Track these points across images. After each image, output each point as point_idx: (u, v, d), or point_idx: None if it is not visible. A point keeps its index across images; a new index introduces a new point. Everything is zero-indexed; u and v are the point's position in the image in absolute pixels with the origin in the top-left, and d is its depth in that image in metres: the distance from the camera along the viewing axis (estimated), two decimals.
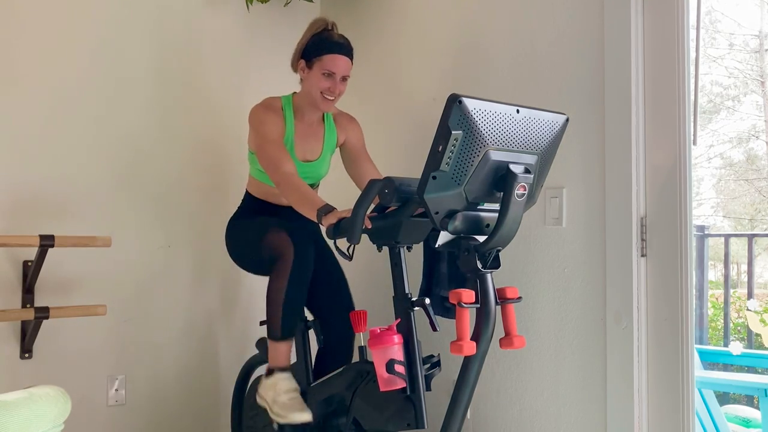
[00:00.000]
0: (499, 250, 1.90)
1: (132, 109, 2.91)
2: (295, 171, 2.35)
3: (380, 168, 2.65)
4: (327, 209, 2.11)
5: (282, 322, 2.38)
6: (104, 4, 2.86)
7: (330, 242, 2.22)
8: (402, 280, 2.08)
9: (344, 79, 2.49)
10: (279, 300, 2.36)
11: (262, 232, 2.45)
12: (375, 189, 1.95)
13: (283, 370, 2.40)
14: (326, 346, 2.57)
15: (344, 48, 2.49)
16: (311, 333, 2.65)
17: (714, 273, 6.69)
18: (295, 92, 2.60)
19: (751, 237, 5.20)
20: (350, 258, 2.15)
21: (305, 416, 2.30)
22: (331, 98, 2.48)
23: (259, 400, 2.45)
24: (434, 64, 2.89)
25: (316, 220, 2.14)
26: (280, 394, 2.35)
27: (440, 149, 1.74)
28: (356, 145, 2.64)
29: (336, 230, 2.08)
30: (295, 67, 2.56)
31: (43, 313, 2.54)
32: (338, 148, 2.67)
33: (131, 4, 2.92)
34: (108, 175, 2.85)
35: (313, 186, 2.64)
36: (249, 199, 2.69)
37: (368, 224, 2.01)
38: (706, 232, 5.23)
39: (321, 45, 2.47)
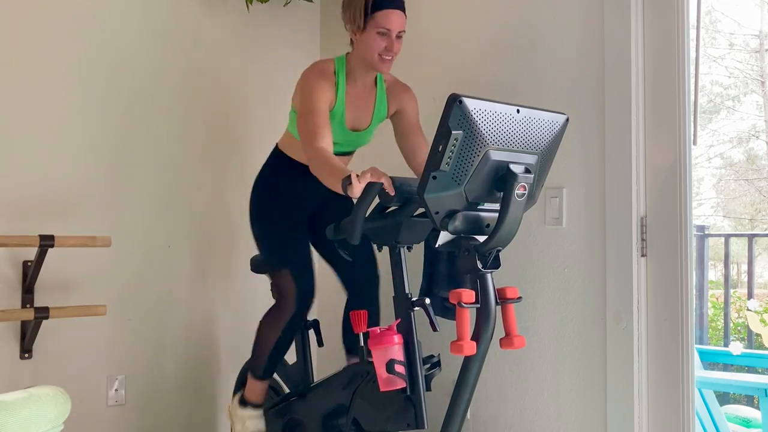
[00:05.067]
0: (499, 250, 1.90)
1: (132, 109, 2.91)
2: (330, 146, 2.24)
3: (380, 167, 2.59)
4: (350, 179, 1.96)
5: (266, 365, 2.50)
6: (104, 4, 2.86)
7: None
8: (402, 280, 2.08)
9: (399, 36, 2.32)
10: (269, 345, 2.47)
11: (279, 255, 2.49)
12: (375, 189, 1.94)
13: (256, 407, 2.52)
14: (351, 293, 2.60)
15: (397, 2, 2.32)
16: (311, 333, 2.67)
17: (714, 273, 6.68)
18: (348, 53, 2.43)
19: (751, 237, 5.20)
20: (351, 258, 2.16)
21: None
22: (389, 57, 2.32)
23: (228, 417, 2.64)
24: (434, 64, 2.89)
25: (342, 192, 2.01)
26: None
27: (440, 149, 1.74)
28: (410, 118, 2.48)
29: (336, 230, 2.08)
30: (345, 25, 2.38)
31: (43, 313, 2.53)
32: (389, 119, 2.53)
33: (131, 4, 2.92)
34: (108, 175, 2.84)
35: (351, 153, 2.54)
36: (278, 156, 2.57)
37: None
38: (706, 232, 5.24)
39: (372, 2, 2.29)
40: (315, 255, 2.60)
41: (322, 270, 2.62)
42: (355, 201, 2.00)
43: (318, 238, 2.56)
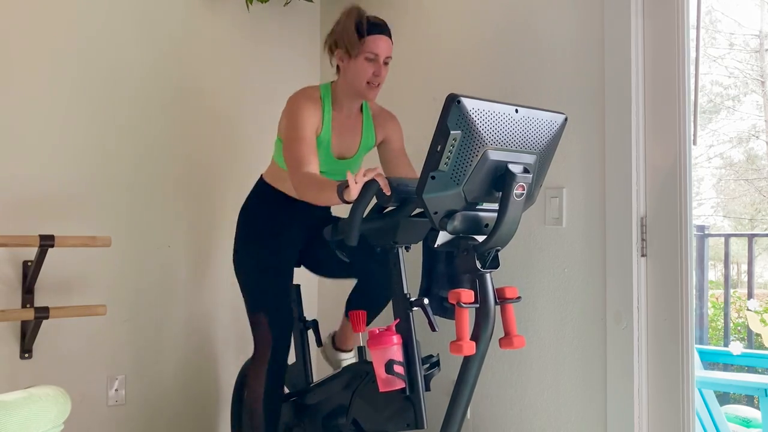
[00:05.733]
0: (498, 250, 1.90)
1: (131, 109, 2.91)
2: (317, 173, 2.23)
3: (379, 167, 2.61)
4: (345, 184, 1.96)
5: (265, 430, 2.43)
6: (103, 5, 2.86)
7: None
8: (401, 280, 2.08)
9: (386, 62, 2.34)
10: (258, 410, 2.42)
11: (257, 298, 2.47)
12: (373, 189, 1.95)
13: None
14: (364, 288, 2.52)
15: (383, 28, 2.35)
16: (310, 333, 2.67)
17: (714, 273, 6.68)
18: (333, 81, 2.44)
19: (751, 237, 5.20)
20: (349, 259, 2.16)
21: None
22: (377, 84, 2.34)
23: None
24: (434, 63, 2.89)
25: (339, 201, 2.02)
26: None
27: (439, 149, 1.74)
28: (396, 147, 2.50)
29: (334, 231, 2.08)
30: (332, 57, 2.40)
31: (43, 313, 2.53)
32: (375, 147, 2.54)
33: (131, 4, 2.92)
34: (108, 175, 2.85)
35: None
36: (263, 188, 2.55)
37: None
38: (706, 232, 5.24)
39: (360, 28, 2.31)
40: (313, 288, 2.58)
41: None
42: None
43: (317, 262, 2.57)
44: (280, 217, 2.49)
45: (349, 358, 2.56)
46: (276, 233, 2.48)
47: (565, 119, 1.96)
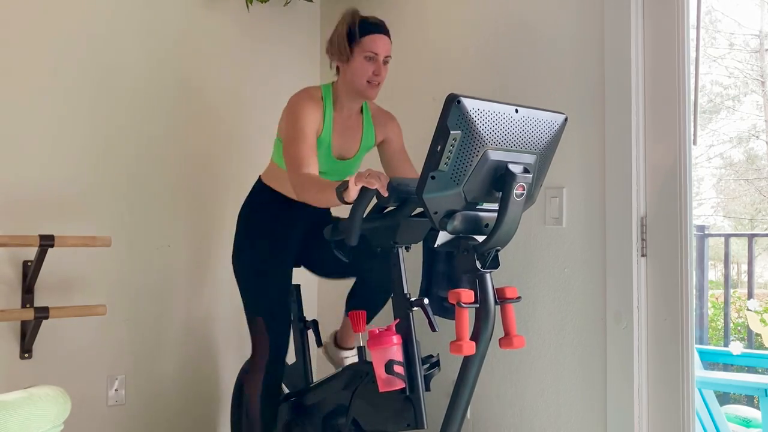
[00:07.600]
0: (498, 250, 1.90)
1: (131, 109, 2.91)
2: (316, 174, 2.25)
3: (380, 168, 2.62)
4: (345, 185, 1.98)
5: None
6: (104, 5, 2.86)
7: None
8: (401, 280, 2.08)
9: (386, 61, 2.36)
10: (256, 415, 2.45)
11: (255, 302, 2.48)
12: (372, 190, 1.95)
13: None
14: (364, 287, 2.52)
15: (382, 28, 2.37)
16: (310, 333, 2.67)
17: (714, 273, 6.68)
18: (334, 81, 2.45)
19: (751, 237, 5.20)
20: (348, 259, 2.16)
21: None
22: (377, 83, 2.36)
23: None
24: (433, 64, 2.89)
25: (338, 202, 2.03)
26: None
27: (439, 149, 1.75)
28: (396, 147, 2.52)
29: (334, 231, 2.08)
30: (331, 60, 2.42)
31: (43, 313, 2.53)
32: (375, 147, 2.55)
33: (131, 4, 2.92)
34: (108, 175, 2.84)
35: None
36: (261, 191, 2.55)
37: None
38: (706, 232, 5.24)
39: (358, 28, 2.33)
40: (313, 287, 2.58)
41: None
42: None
43: (316, 262, 2.57)
44: (279, 219, 2.49)
45: (351, 356, 2.58)
46: (275, 235, 2.48)
47: (565, 119, 1.96)
